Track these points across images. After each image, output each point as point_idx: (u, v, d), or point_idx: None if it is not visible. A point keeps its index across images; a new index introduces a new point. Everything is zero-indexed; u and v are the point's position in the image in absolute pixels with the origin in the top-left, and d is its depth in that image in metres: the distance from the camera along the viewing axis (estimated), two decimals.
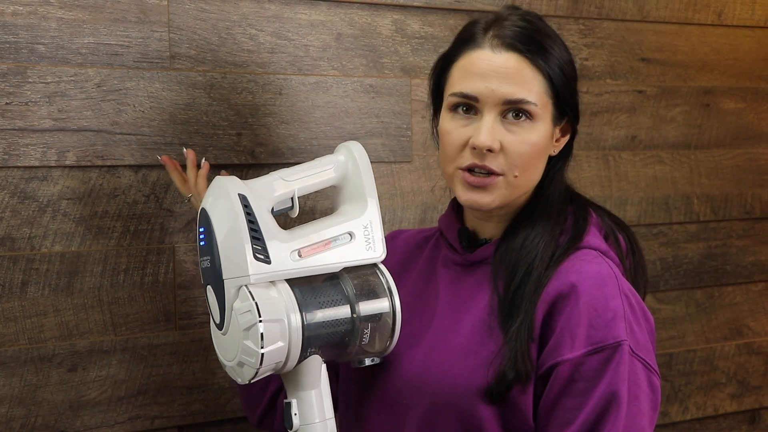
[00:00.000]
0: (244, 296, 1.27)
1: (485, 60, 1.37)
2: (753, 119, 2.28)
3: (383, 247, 1.38)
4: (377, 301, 1.36)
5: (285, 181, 1.37)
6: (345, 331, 1.33)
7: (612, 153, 2.11)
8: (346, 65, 1.81)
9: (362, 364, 1.37)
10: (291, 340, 1.28)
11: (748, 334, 2.30)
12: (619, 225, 1.47)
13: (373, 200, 1.39)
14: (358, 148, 1.41)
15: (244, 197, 1.31)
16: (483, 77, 1.37)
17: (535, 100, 1.37)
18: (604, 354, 1.30)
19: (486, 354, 1.35)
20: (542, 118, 1.38)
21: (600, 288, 1.33)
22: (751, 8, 2.26)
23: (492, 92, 1.36)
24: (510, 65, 1.37)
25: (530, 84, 1.37)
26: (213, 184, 1.35)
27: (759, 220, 2.30)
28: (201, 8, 1.68)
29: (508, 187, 1.38)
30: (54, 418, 1.59)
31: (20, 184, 1.56)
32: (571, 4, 2.05)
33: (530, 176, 1.40)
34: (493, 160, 1.36)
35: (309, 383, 1.33)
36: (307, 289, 1.32)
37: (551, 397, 1.32)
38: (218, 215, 1.31)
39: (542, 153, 1.40)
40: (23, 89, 1.55)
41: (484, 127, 1.36)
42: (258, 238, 1.29)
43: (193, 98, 1.67)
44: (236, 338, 1.29)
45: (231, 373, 1.33)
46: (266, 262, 1.29)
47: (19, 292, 1.56)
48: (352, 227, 1.37)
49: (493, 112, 1.36)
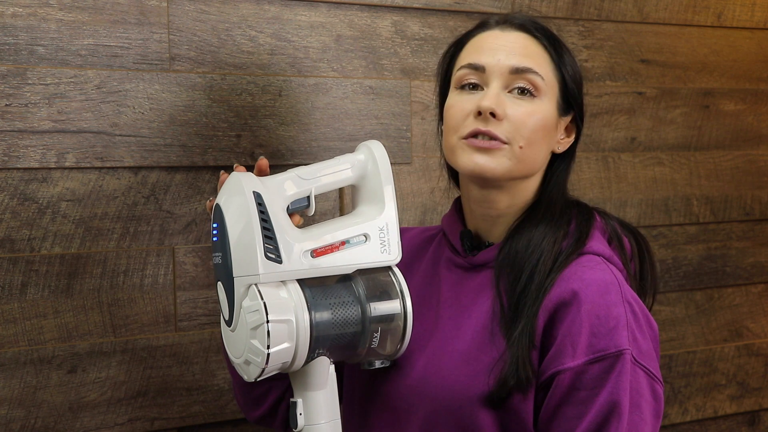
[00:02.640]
0: (253, 295, 1.27)
1: (494, 36, 1.41)
2: (752, 121, 2.28)
3: (399, 250, 1.37)
4: (388, 302, 1.34)
5: (302, 179, 1.35)
6: (354, 333, 1.32)
7: (611, 155, 2.11)
8: (346, 67, 1.81)
9: (372, 366, 1.36)
10: (298, 341, 1.28)
11: (748, 335, 2.30)
12: (625, 227, 1.46)
13: (391, 202, 1.38)
14: (378, 148, 1.39)
15: (259, 195, 1.30)
16: (491, 50, 1.39)
17: (541, 73, 1.38)
18: (606, 363, 1.29)
19: (487, 360, 1.34)
20: (547, 96, 1.39)
21: (602, 295, 1.32)
22: (751, 10, 2.26)
23: (498, 61, 1.38)
24: (519, 41, 1.40)
25: (538, 59, 1.39)
26: (229, 179, 1.34)
27: (759, 221, 2.30)
28: (201, 10, 1.68)
29: (512, 157, 1.37)
30: (53, 419, 1.59)
31: (20, 185, 1.56)
32: (571, 5, 2.05)
33: (535, 154, 1.39)
34: (498, 126, 1.36)
35: (316, 384, 1.32)
36: (318, 289, 1.31)
37: (552, 405, 1.31)
38: (232, 212, 1.30)
39: (547, 132, 1.39)
40: (23, 91, 1.55)
41: (489, 93, 1.37)
42: (270, 237, 1.28)
43: (192, 100, 1.67)
44: (244, 336, 1.28)
45: (238, 369, 1.32)
46: (277, 262, 1.28)
47: (19, 293, 1.56)
48: (368, 229, 1.36)
49: (499, 81, 1.38)
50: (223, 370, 1.72)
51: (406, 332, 1.35)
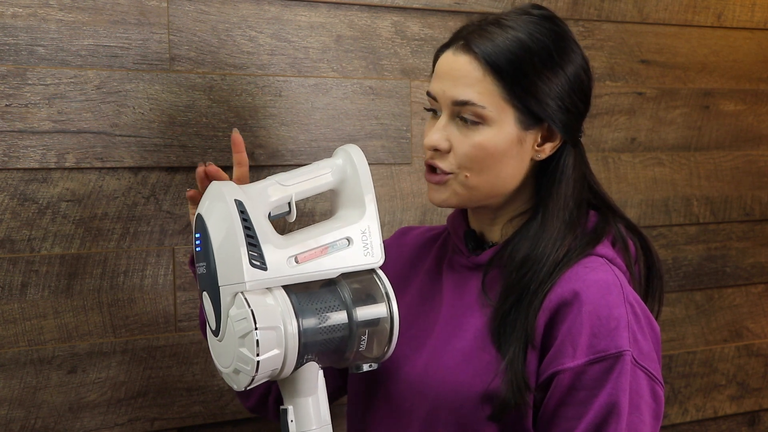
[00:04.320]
0: (239, 303, 1.26)
1: (445, 62, 1.40)
2: (752, 121, 2.28)
3: (381, 253, 1.37)
4: (374, 306, 1.34)
5: (282, 186, 1.36)
6: (342, 337, 1.31)
7: (611, 155, 2.11)
8: (346, 67, 1.81)
9: (360, 370, 1.36)
10: (287, 347, 1.27)
11: (748, 336, 2.30)
12: (631, 229, 1.45)
13: (372, 205, 1.38)
14: (356, 152, 1.40)
15: (241, 203, 1.29)
16: (440, 79, 1.40)
17: (483, 103, 1.35)
18: (606, 363, 1.29)
19: (488, 359, 1.34)
20: (498, 122, 1.36)
21: (604, 296, 1.32)
22: (751, 10, 2.26)
23: (443, 93, 1.38)
24: (463, 68, 1.37)
25: (479, 87, 1.36)
26: (209, 188, 1.33)
27: (759, 222, 2.30)
28: (200, 10, 1.68)
29: (462, 186, 1.38)
30: (53, 420, 1.59)
31: (20, 186, 1.56)
32: (571, 5, 2.05)
33: (488, 178, 1.38)
34: (442, 159, 1.38)
35: (306, 390, 1.32)
36: (303, 295, 1.31)
37: (551, 405, 1.31)
38: (214, 221, 1.30)
39: (500, 157, 1.37)
40: (23, 91, 1.55)
41: (436, 127, 1.39)
42: (254, 244, 1.28)
43: (192, 100, 1.67)
44: (232, 345, 1.27)
45: (227, 379, 1.31)
46: (262, 269, 1.28)
47: (19, 294, 1.56)
48: (350, 232, 1.36)
49: (447, 112, 1.38)
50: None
51: (393, 335, 1.35)
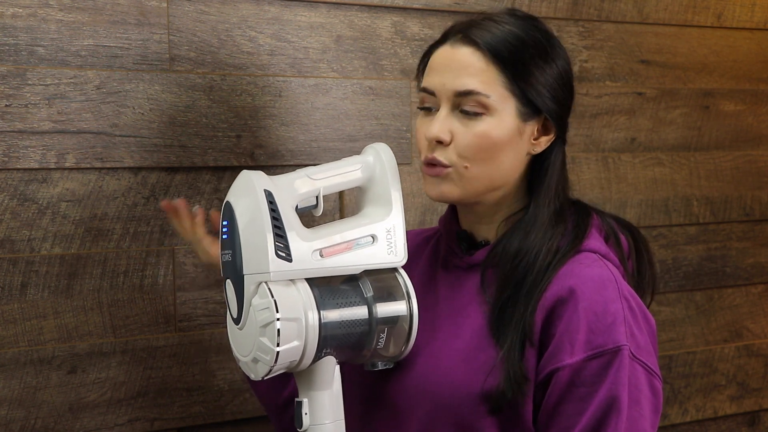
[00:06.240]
0: (263, 293, 1.27)
1: (443, 55, 1.39)
2: (752, 121, 2.28)
3: (405, 252, 1.38)
4: (395, 304, 1.35)
5: (311, 179, 1.36)
6: (361, 333, 1.33)
7: (611, 155, 2.11)
8: (346, 67, 1.81)
9: (375, 368, 1.38)
10: (307, 340, 1.28)
11: (748, 336, 2.30)
12: (623, 225, 1.45)
13: (398, 204, 1.39)
14: (386, 151, 1.41)
15: (270, 193, 1.30)
16: (439, 72, 1.39)
17: (487, 91, 1.36)
18: (604, 359, 1.30)
19: (485, 359, 1.35)
20: (500, 110, 1.37)
21: (599, 292, 1.33)
22: (751, 10, 2.26)
23: (443, 86, 1.38)
24: (465, 59, 1.37)
25: (483, 76, 1.36)
26: (239, 177, 1.34)
27: (758, 222, 2.30)
28: (200, 10, 1.68)
29: (461, 178, 1.38)
30: (53, 420, 1.59)
31: (20, 186, 1.56)
32: (571, 5, 2.05)
33: (488, 169, 1.38)
34: (442, 152, 1.37)
35: (322, 383, 1.33)
36: (325, 288, 1.32)
37: (551, 403, 1.32)
38: (242, 209, 1.31)
39: (501, 147, 1.37)
40: (23, 91, 1.55)
41: (436, 119, 1.38)
42: (281, 235, 1.29)
43: (192, 100, 1.67)
44: (253, 334, 1.29)
45: (245, 368, 1.33)
46: (287, 260, 1.29)
47: (19, 294, 1.56)
48: (376, 230, 1.37)
49: (447, 105, 1.38)
50: (222, 370, 1.72)
51: (411, 334, 1.36)
